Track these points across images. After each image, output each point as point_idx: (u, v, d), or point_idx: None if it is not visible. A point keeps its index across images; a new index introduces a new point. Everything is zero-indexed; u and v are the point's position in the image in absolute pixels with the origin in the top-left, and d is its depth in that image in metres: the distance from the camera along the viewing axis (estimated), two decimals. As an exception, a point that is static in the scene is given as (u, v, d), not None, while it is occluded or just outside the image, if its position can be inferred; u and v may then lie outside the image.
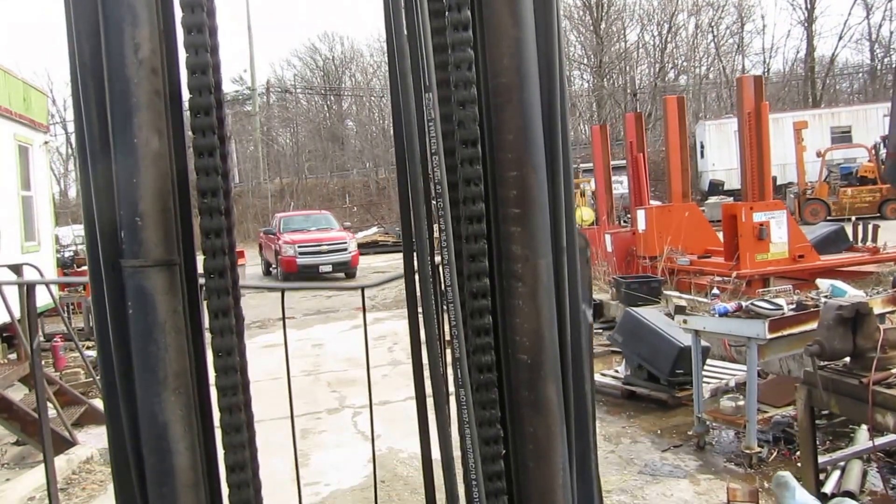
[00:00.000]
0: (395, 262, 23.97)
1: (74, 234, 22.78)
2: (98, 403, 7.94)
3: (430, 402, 1.70)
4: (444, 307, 1.60)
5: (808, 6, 41.74)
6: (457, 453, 1.64)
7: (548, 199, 1.64)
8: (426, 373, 1.69)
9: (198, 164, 1.59)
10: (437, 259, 1.66)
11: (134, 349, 1.54)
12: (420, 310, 1.65)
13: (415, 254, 1.64)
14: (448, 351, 1.63)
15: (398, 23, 1.58)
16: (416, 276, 1.66)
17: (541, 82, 1.64)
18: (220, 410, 1.63)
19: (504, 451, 1.66)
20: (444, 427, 1.58)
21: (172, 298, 1.56)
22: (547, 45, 1.66)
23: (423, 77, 1.56)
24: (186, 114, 1.66)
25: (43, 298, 10.04)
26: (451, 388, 1.64)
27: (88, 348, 10.69)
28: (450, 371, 1.63)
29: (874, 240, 11.71)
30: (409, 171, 1.61)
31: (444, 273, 1.55)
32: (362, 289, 3.31)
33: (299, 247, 20.22)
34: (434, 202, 1.57)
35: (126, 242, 1.53)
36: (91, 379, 8.60)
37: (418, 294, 1.68)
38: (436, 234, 1.64)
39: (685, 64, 45.03)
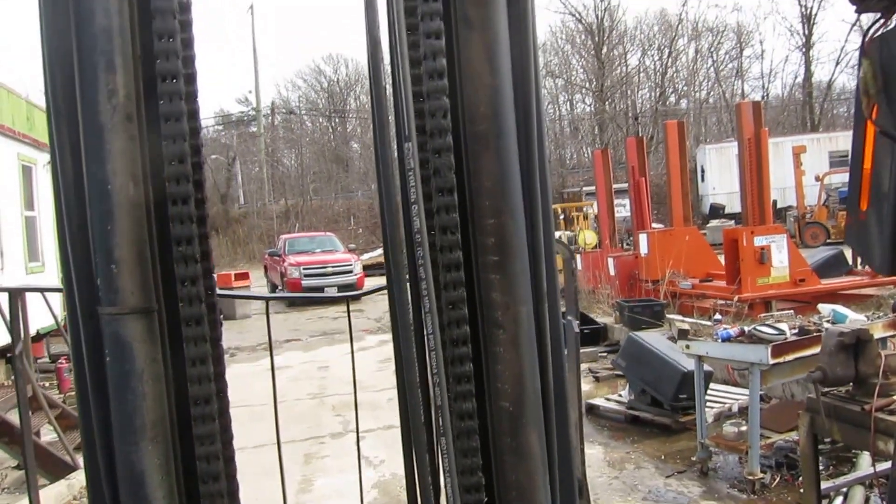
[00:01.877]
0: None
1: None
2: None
3: None
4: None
5: (806, 32, 42.06)
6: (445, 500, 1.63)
7: (527, 245, 1.64)
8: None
9: (172, 211, 1.58)
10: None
11: (111, 398, 1.53)
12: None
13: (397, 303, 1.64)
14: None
15: (377, 74, 1.59)
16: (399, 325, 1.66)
17: (518, 130, 1.65)
18: (197, 459, 1.62)
19: (486, 499, 1.65)
20: (424, 477, 1.58)
21: (151, 346, 1.55)
22: (524, 94, 1.68)
23: (402, 127, 1.57)
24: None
25: (47, 319, 10.03)
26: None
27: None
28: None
29: (872, 264, 11.71)
30: (389, 220, 1.62)
31: (426, 321, 1.55)
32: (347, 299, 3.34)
33: (304, 269, 20.26)
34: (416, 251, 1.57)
35: (102, 290, 1.52)
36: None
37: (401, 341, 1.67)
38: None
39: (685, 88, 45.32)
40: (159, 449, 1.54)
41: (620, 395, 7.86)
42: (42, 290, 7.54)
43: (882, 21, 2.29)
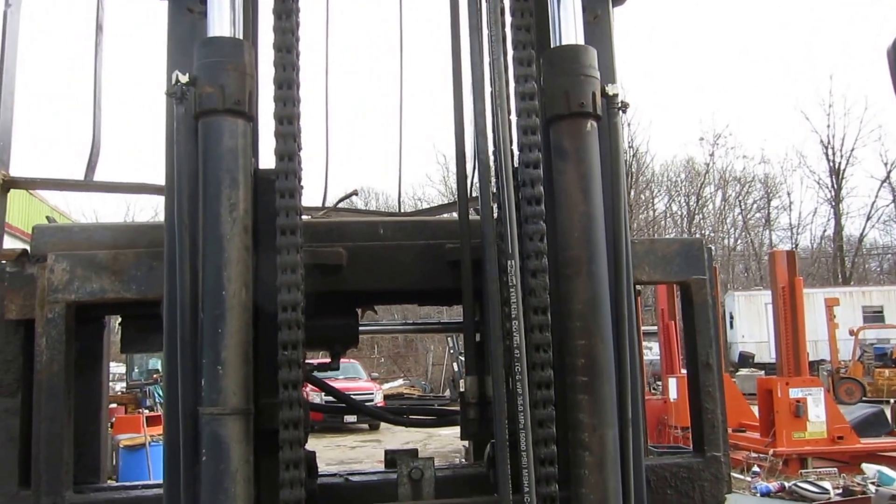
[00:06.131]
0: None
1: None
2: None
3: None
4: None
5: (835, 186, 42.80)
6: None
7: (614, 369, 1.68)
8: None
9: (282, 317, 1.65)
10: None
11: (203, 497, 1.54)
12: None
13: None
14: None
15: (485, 197, 1.70)
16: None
17: (608, 255, 1.74)
18: None
19: None
20: None
21: (246, 447, 1.58)
22: (615, 222, 1.77)
23: (507, 244, 1.65)
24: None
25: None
26: None
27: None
28: None
29: (914, 425, 11.36)
30: (493, 333, 1.67)
31: (520, 436, 1.57)
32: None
33: (325, 395, 19.95)
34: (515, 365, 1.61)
35: (206, 390, 1.58)
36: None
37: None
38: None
39: (712, 235, 45.78)
40: None
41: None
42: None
43: None
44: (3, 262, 1.99)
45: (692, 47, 66.71)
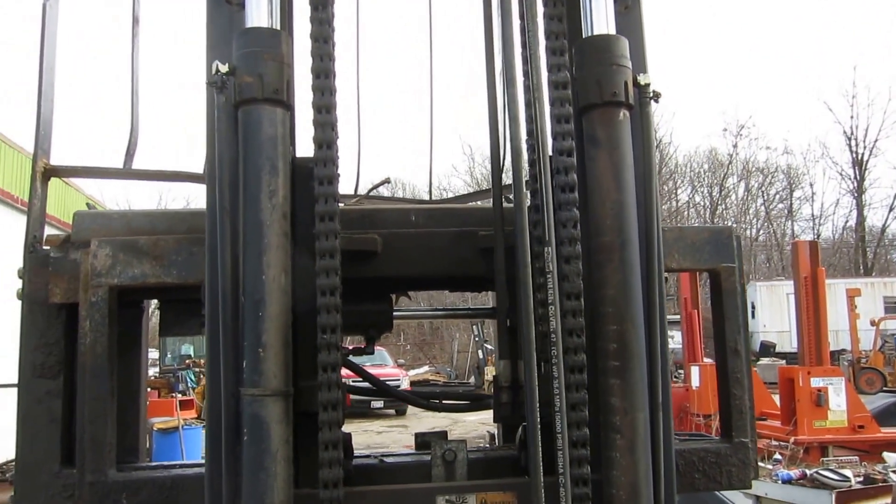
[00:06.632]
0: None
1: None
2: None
3: None
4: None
5: (857, 177, 42.26)
6: None
7: (645, 353, 1.70)
8: None
9: (320, 302, 1.69)
10: None
11: (245, 476, 1.59)
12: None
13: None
14: None
15: (518, 183, 1.73)
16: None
17: (639, 242, 1.76)
18: None
19: None
20: None
21: (286, 428, 1.63)
22: (647, 209, 1.80)
23: (544, 231, 1.69)
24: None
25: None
26: None
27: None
28: None
29: (936, 415, 11.28)
30: (524, 318, 1.69)
31: (555, 419, 1.60)
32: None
33: (352, 381, 20.08)
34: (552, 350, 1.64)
35: (247, 372, 1.62)
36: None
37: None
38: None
39: (735, 225, 45.29)
40: None
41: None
42: None
43: None
44: (47, 247, 2.05)
45: (716, 38, 66.03)
